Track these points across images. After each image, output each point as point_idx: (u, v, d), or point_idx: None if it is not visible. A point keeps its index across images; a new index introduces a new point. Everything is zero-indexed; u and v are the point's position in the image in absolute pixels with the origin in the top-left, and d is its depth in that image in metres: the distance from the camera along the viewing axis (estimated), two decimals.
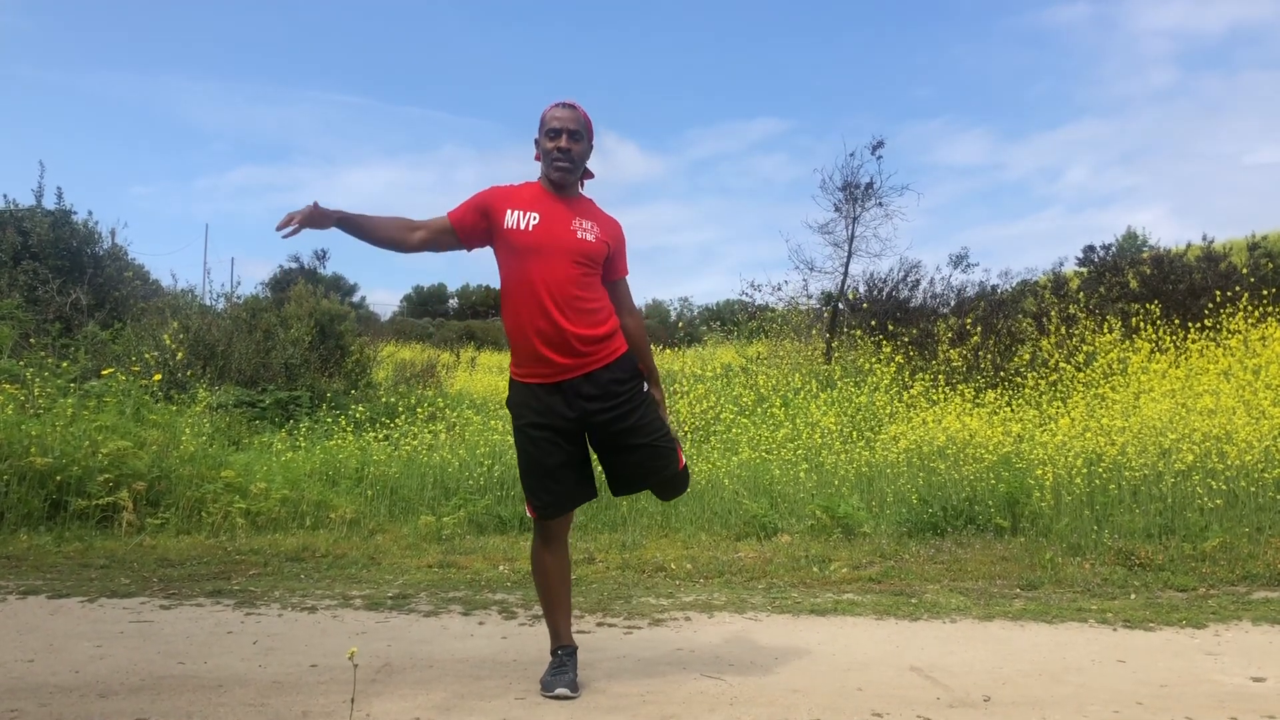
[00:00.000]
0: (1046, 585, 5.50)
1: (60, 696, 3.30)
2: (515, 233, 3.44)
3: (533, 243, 3.42)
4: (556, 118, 3.51)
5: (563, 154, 3.48)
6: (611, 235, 3.60)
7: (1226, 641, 4.36)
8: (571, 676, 3.50)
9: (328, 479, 7.88)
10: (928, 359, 12.12)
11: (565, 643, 3.62)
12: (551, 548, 3.61)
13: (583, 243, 3.46)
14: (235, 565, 5.80)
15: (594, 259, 3.50)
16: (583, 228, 3.48)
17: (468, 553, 6.30)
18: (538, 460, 3.49)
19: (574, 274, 3.43)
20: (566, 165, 3.50)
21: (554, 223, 3.46)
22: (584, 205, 3.60)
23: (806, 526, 6.97)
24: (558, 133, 3.49)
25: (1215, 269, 13.54)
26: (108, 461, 6.87)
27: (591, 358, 3.46)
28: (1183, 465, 7.10)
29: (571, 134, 3.50)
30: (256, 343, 12.14)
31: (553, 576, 3.62)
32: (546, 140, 3.51)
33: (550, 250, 3.41)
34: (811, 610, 4.91)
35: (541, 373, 3.46)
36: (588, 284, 3.48)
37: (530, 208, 3.47)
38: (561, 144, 3.48)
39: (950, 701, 3.44)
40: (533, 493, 3.54)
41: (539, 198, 3.52)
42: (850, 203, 14.73)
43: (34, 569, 5.57)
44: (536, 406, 3.48)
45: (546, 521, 3.57)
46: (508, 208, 3.47)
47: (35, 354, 9.35)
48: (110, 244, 15.04)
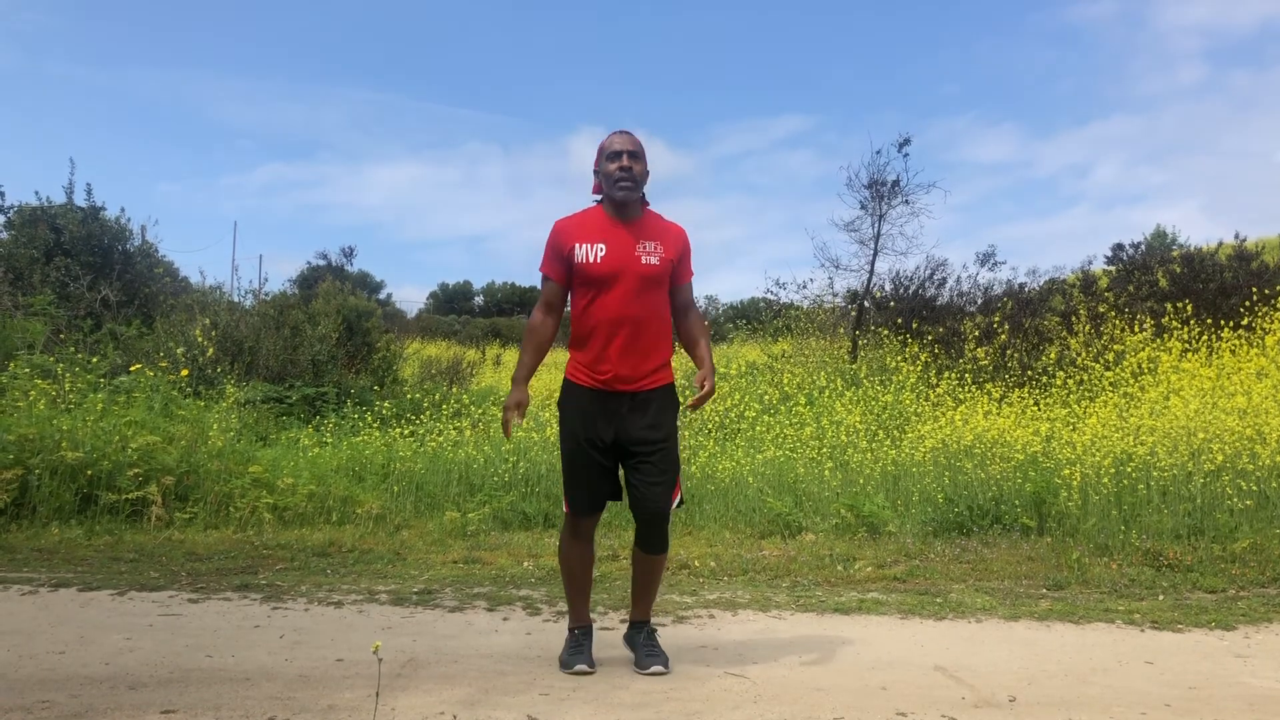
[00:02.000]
0: (1073, 585, 5.46)
1: (90, 688, 3.34)
2: (585, 266, 3.64)
3: (603, 273, 3.62)
4: (616, 142, 3.72)
5: (625, 173, 3.66)
6: (675, 248, 3.76)
7: (1256, 644, 4.31)
8: (588, 655, 3.71)
9: (354, 474, 7.93)
10: (954, 358, 12.05)
11: (582, 622, 3.85)
12: (577, 541, 3.82)
13: (648, 268, 3.65)
14: (262, 560, 5.85)
15: (660, 280, 3.70)
16: (646, 251, 3.67)
17: (493, 548, 6.33)
18: (575, 459, 3.72)
19: (643, 299, 3.65)
20: (629, 184, 3.67)
21: (620, 251, 3.64)
22: (647, 224, 3.75)
23: (831, 525, 6.95)
24: (619, 154, 3.68)
25: (1247, 267, 13.36)
26: (137, 456, 6.94)
27: (645, 380, 3.68)
28: (1213, 465, 7.03)
29: (631, 154, 3.69)
30: (284, 339, 12.22)
31: (578, 568, 3.86)
32: (608, 163, 3.68)
33: (618, 279, 3.61)
34: (836, 609, 4.90)
35: (596, 380, 3.67)
36: (654, 308, 3.69)
37: (596, 239, 3.66)
38: (624, 163, 3.66)
39: (975, 701, 3.42)
40: (569, 488, 3.76)
41: (603, 226, 3.70)
42: (876, 200, 14.67)
43: (65, 562, 5.64)
44: (583, 410, 3.70)
45: (579, 518, 3.77)
46: (575, 242, 3.66)
47: (66, 349, 9.45)
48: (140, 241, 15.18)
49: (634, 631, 3.89)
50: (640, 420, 3.65)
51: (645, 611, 3.92)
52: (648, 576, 3.88)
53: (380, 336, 14.78)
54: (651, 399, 3.68)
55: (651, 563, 3.83)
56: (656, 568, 3.87)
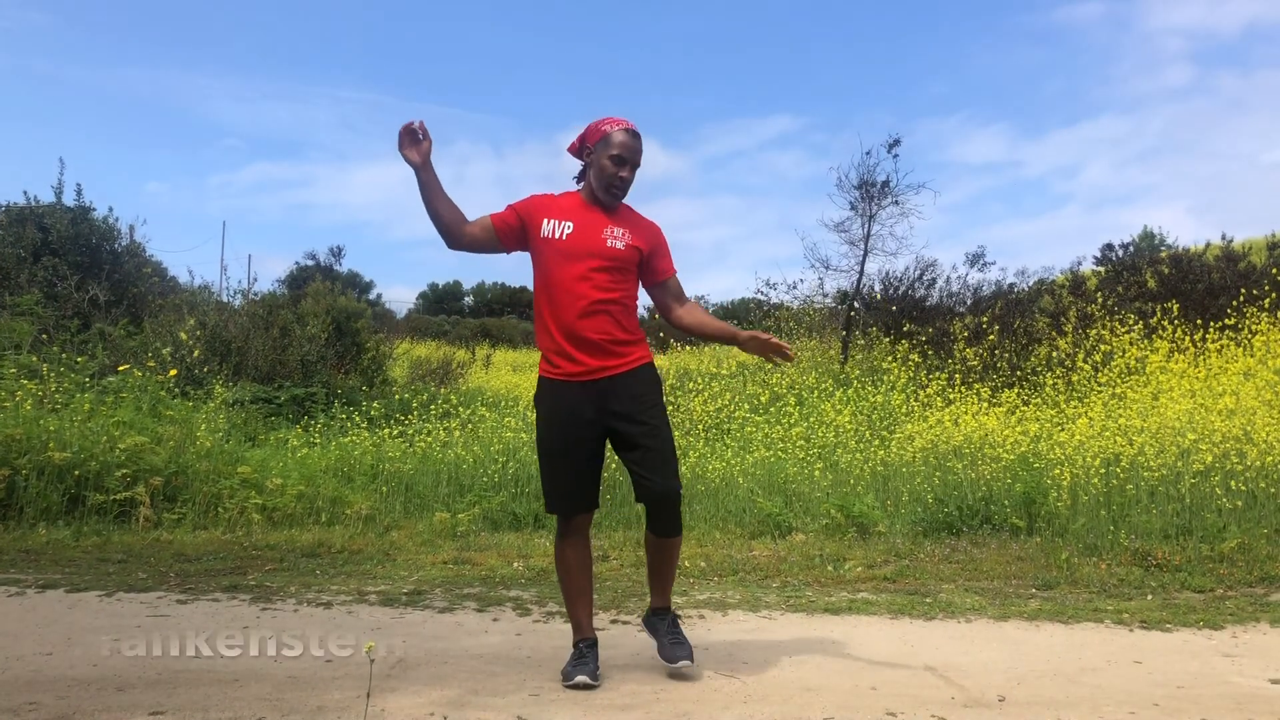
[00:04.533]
0: (1062, 585, 5.47)
1: (78, 689, 3.32)
2: (549, 241, 3.58)
3: (564, 249, 3.55)
4: (625, 145, 3.61)
5: (621, 183, 3.62)
6: (646, 240, 3.69)
7: (1244, 643, 4.33)
8: (593, 667, 3.55)
9: (343, 475, 7.91)
10: (944, 358, 12.08)
11: (586, 635, 3.68)
12: (571, 542, 3.70)
13: (611, 249, 3.58)
14: (251, 560, 5.83)
15: (623, 264, 3.61)
16: (614, 235, 3.60)
17: (482, 549, 6.32)
18: (558, 456, 3.61)
19: (601, 279, 3.55)
20: (621, 193, 3.64)
21: (586, 231, 3.58)
22: (621, 214, 3.70)
23: (821, 525, 6.96)
24: (623, 161, 3.61)
25: (1234, 268, 13.43)
26: (125, 457, 6.91)
27: (617, 361, 3.58)
28: (1201, 466, 7.05)
29: (634, 166, 3.63)
30: (273, 339, 12.19)
31: (573, 570, 3.71)
32: (609, 163, 3.59)
33: (579, 256, 3.54)
34: (826, 609, 4.90)
35: (568, 371, 3.57)
36: (616, 288, 3.59)
37: (566, 217, 3.61)
38: (624, 174, 3.61)
39: (965, 701, 3.42)
40: (551, 489, 3.66)
41: (577, 208, 3.65)
42: (866, 201, 14.69)
43: (52, 563, 5.61)
44: (560, 404, 3.59)
45: (566, 519, 3.67)
46: (545, 216, 3.61)
47: (53, 350, 9.41)
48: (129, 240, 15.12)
49: (656, 619, 3.79)
50: (620, 403, 3.54)
51: (666, 598, 3.81)
52: (664, 563, 3.77)
53: (369, 337, 14.76)
54: (632, 378, 3.58)
55: (666, 546, 3.72)
56: (672, 552, 3.76)
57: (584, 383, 3.56)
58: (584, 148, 3.70)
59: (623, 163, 3.59)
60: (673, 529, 3.71)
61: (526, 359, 25.81)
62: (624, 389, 3.57)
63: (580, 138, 3.72)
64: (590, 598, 3.79)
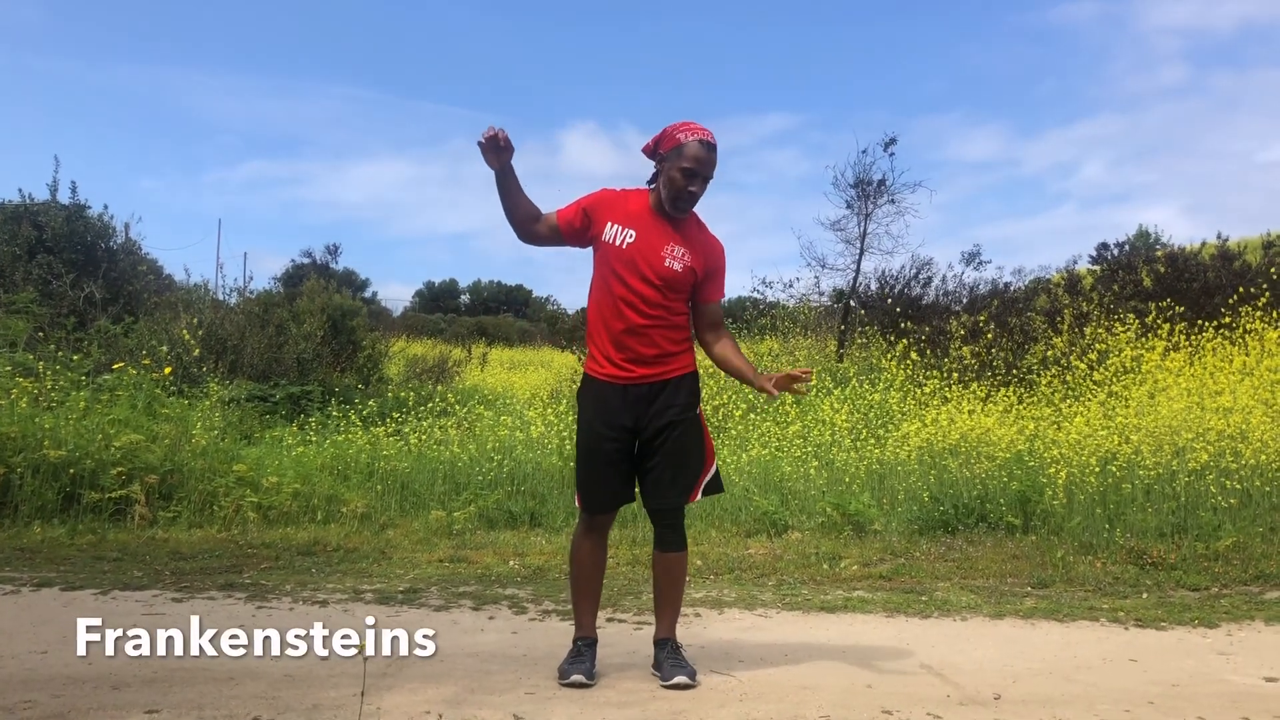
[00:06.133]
0: (1058, 584, 5.48)
1: (73, 688, 3.32)
2: (611, 247, 3.56)
3: (624, 259, 3.53)
4: (699, 159, 3.52)
5: (690, 197, 3.55)
6: (705, 261, 3.64)
7: (1239, 641, 4.34)
8: (589, 666, 3.56)
9: (339, 473, 7.90)
10: (940, 357, 12.09)
11: (587, 634, 3.69)
12: (591, 539, 3.71)
13: (668, 270, 3.54)
14: (247, 558, 5.83)
15: (677, 286, 3.58)
16: (673, 255, 3.56)
17: (478, 547, 6.31)
18: (593, 454, 3.62)
19: (656, 299, 3.54)
20: (688, 207, 3.59)
21: (648, 244, 3.54)
22: (687, 228, 3.64)
23: (817, 524, 6.96)
24: (694, 175, 3.53)
25: (1230, 267, 13.46)
26: (120, 455, 6.89)
27: (661, 370, 3.59)
28: (1197, 464, 7.06)
29: (705, 179, 3.56)
30: (269, 337, 12.17)
31: (587, 567, 3.72)
32: (680, 176, 3.51)
33: (635, 270, 3.52)
34: (821, 607, 4.90)
35: (611, 374, 3.58)
36: (665, 308, 3.58)
37: (630, 224, 3.57)
38: (694, 188, 3.54)
39: (960, 699, 3.43)
40: (583, 484, 3.66)
41: (642, 215, 3.60)
42: (862, 199, 14.72)
43: (48, 561, 5.60)
44: (600, 404, 3.61)
45: (592, 515, 3.68)
46: (609, 219, 3.58)
47: (48, 348, 9.39)
48: (124, 238, 15.08)
49: (657, 650, 3.71)
50: (656, 410, 3.55)
51: (669, 628, 3.73)
52: (667, 579, 3.74)
53: (365, 335, 14.74)
54: (668, 388, 3.58)
55: (668, 562, 3.72)
56: (675, 568, 3.74)
57: (625, 386, 3.57)
58: (657, 152, 3.61)
59: (694, 176, 3.51)
60: (674, 543, 3.72)
61: (523, 357, 25.82)
62: (662, 398, 3.58)
63: (655, 140, 3.62)
64: (598, 598, 3.80)
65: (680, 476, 3.64)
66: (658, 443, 3.59)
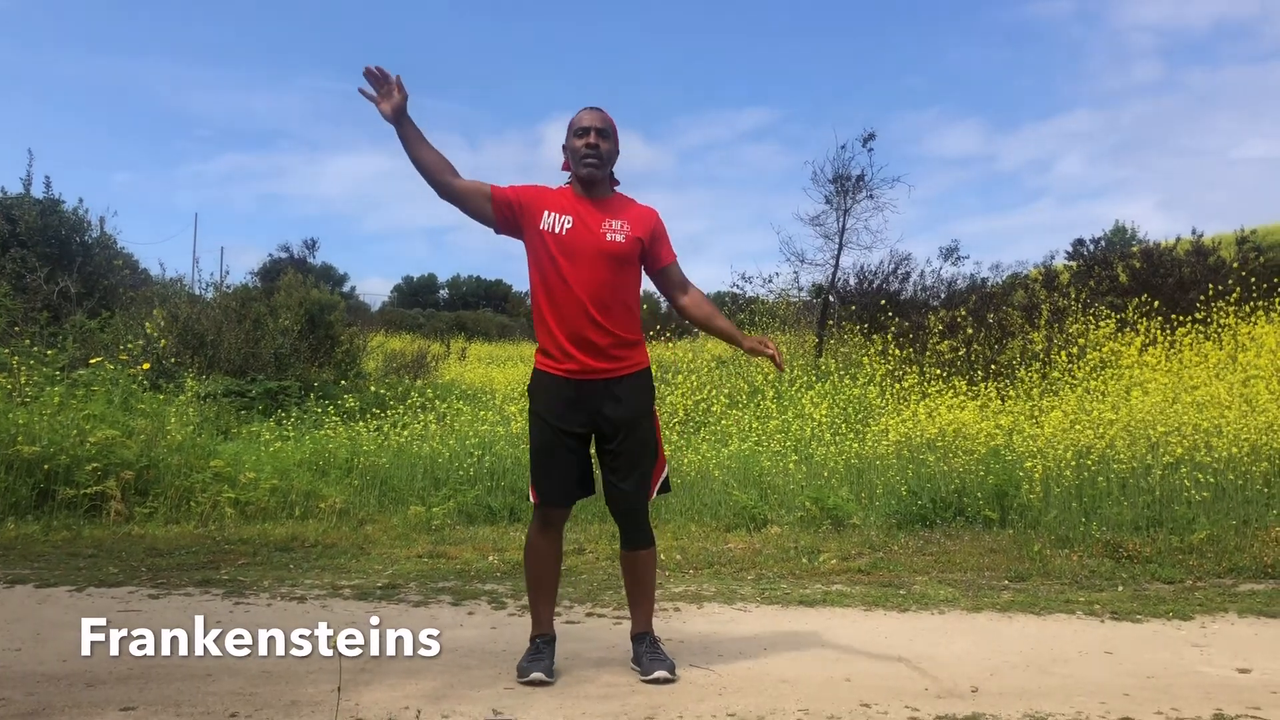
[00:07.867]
0: (1035, 577, 5.52)
1: (47, 685, 3.29)
2: (550, 235, 3.54)
3: (567, 247, 3.51)
4: (584, 118, 3.62)
5: (591, 150, 3.56)
6: (644, 228, 3.65)
7: (1213, 633, 4.38)
8: (548, 664, 3.56)
9: (317, 469, 7.86)
10: (918, 352, 12.14)
11: (545, 631, 3.68)
12: (547, 534, 3.67)
13: (612, 244, 3.54)
14: (224, 555, 5.79)
15: (625, 258, 3.58)
16: (612, 229, 3.56)
17: (457, 543, 6.30)
18: (547, 448, 3.59)
19: (607, 278, 3.53)
20: (595, 161, 3.58)
21: (585, 226, 3.54)
22: (615, 204, 3.67)
23: (796, 518, 6.98)
24: (586, 130, 3.58)
25: (1204, 263, 13.58)
26: (95, 450, 6.84)
27: (618, 364, 3.57)
28: (1171, 458, 7.13)
29: (599, 131, 3.59)
30: (246, 332, 12.09)
31: (544, 563, 3.69)
32: (575, 139, 3.59)
33: (580, 253, 3.51)
34: (800, 601, 4.92)
35: (566, 368, 3.55)
36: (622, 286, 3.58)
37: (565, 211, 3.57)
38: (590, 140, 3.57)
39: (938, 692, 3.45)
40: (537, 478, 3.63)
41: (573, 202, 3.60)
42: (841, 195, 14.76)
43: (21, 558, 5.54)
44: (555, 398, 3.58)
45: (548, 509, 3.64)
46: (545, 209, 3.57)
47: (22, 342, 9.30)
48: (99, 232, 14.94)
49: (635, 645, 3.71)
50: (612, 407, 3.54)
51: (645, 622, 3.74)
52: (637, 576, 3.74)
53: (343, 330, 14.67)
54: (623, 384, 3.57)
55: (637, 559, 3.71)
56: (644, 565, 3.73)
57: (579, 381, 3.54)
58: (565, 150, 3.68)
59: (587, 131, 3.57)
60: (640, 540, 3.71)
61: (501, 352, 25.77)
62: (617, 393, 3.56)
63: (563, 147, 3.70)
64: (554, 594, 3.79)
65: (642, 475, 3.65)
66: (617, 441, 3.58)
